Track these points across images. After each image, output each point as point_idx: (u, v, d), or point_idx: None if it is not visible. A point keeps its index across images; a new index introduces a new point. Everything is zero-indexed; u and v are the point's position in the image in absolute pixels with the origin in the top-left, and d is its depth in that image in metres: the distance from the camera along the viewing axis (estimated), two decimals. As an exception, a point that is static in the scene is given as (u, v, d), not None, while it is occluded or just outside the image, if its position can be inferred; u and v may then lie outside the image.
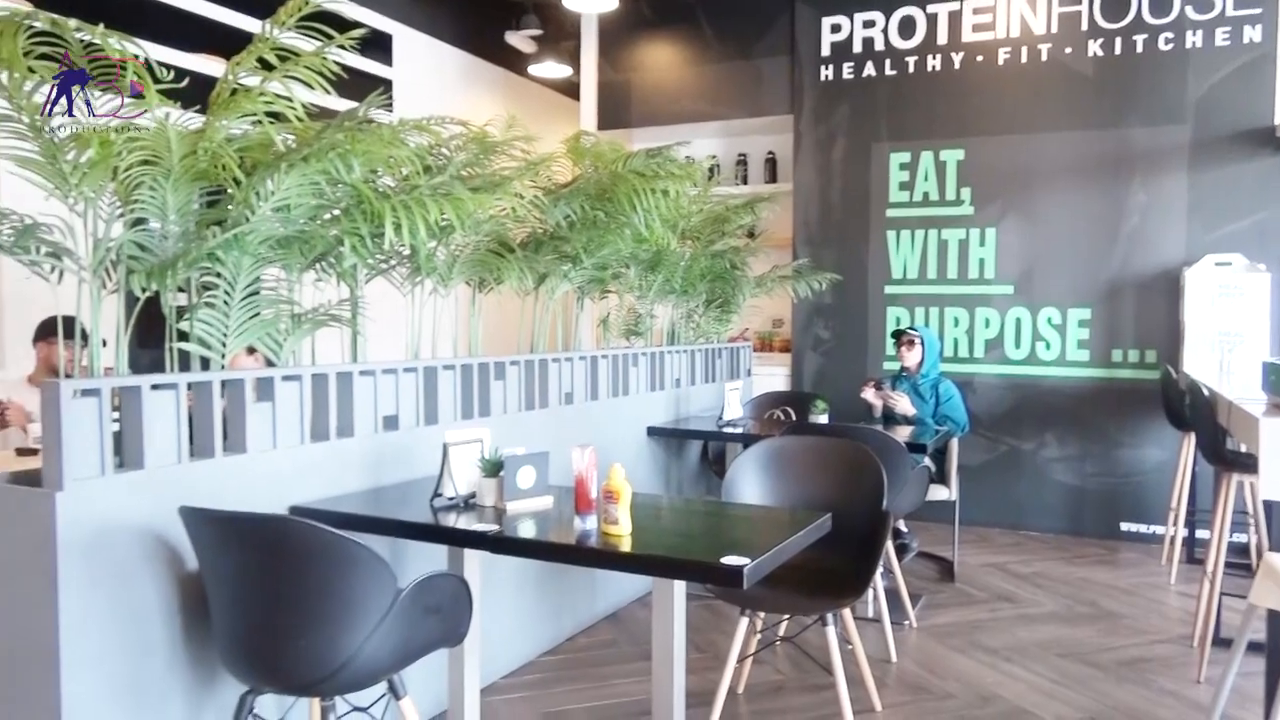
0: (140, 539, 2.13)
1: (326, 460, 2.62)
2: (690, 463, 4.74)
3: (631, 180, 3.53)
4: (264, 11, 5.77)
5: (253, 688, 2.06)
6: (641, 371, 4.28)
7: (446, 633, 2.18)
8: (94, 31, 1.98)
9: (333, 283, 2.83)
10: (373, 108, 2.69)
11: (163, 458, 2.19)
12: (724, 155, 6.89)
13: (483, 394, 3.21)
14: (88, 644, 2.02)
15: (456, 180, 2.90)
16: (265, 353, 2.59)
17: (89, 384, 2.05)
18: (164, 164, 2.21)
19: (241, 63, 2.36)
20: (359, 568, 1.90)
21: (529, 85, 8.26)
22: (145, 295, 2.29)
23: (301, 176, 2.34)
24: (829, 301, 5.99)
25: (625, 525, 2.14)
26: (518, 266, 3.29)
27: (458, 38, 7.66)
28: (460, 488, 2.50)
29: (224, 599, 2.04)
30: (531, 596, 3.42)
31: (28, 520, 1.99)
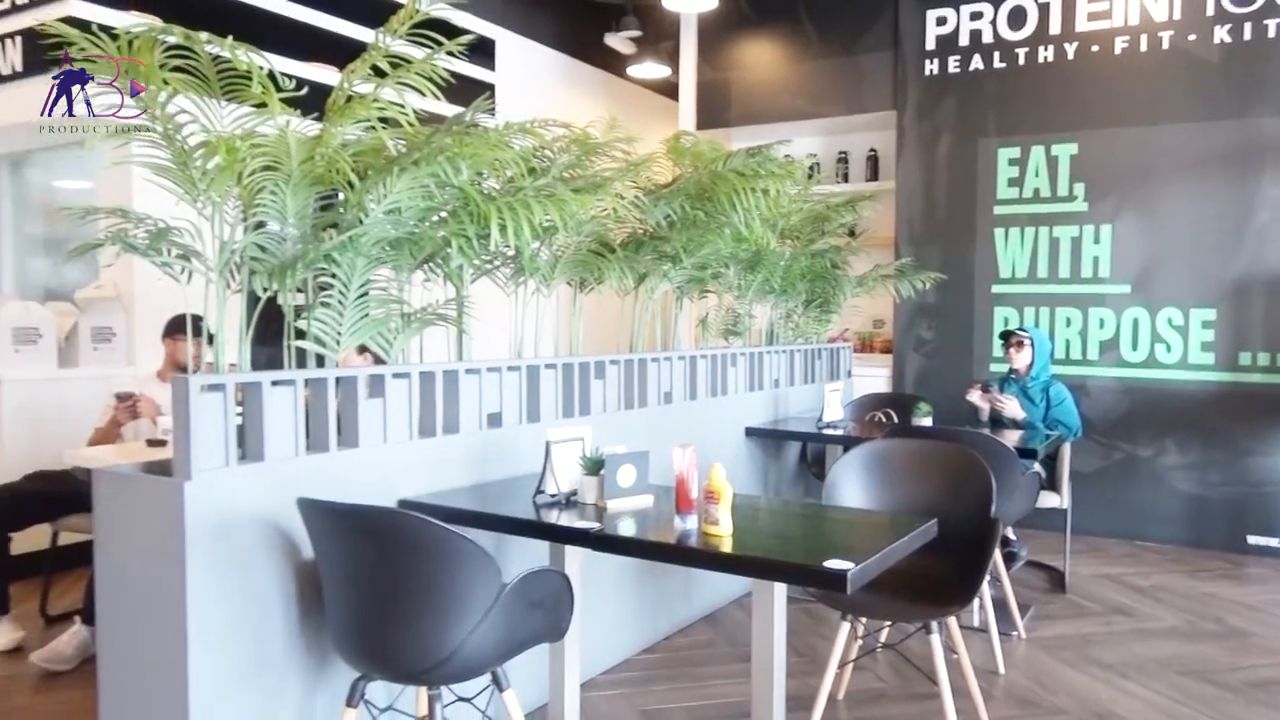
0: (260, 527, 2.23)
1: (433, 456, 2.69)
2: (788, 464, 4.69)
3: (732, 180, 3.51)
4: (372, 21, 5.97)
5: (364, 674, 2.13)
6: (740, 372, 4.26)
7: (549, 628, 2.21)
8: (223, 44, 2.08)
9: (440, 283, 2.91)
10: (479, 112, 2.76)
11: (281, 451, 2.29)
12: (824, 153, 6.80)
13: (583, 393, 3.25)
14: (212, 625, 2.12)
15: (559, 181, 2.94)
16: (376, 351, 2.68)
17: (215, 379, 2.16)
18: (284, 169, 2.31)
19: (356, 70, 2.45)
20: (466, 561, 1.95)
21: (627, 86, 8.31)
22: (267, 294, 2.40)
23: (412, 180, 2.41)
24: (932, 301, 5.84)
25: (726, 526, 2.13)
26: (618, 266, 3.31)
27: (558, 41, 7.77)
28: (562, 485, 2.53)
29: (338, 587, 2.11)
30: (629, 595, 3.44)
31: (160, 508, 2.11)
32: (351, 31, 5.81)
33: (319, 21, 5.68)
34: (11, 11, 4.95)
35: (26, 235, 6.16)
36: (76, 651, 3.32)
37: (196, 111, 2.24)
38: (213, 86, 2.23)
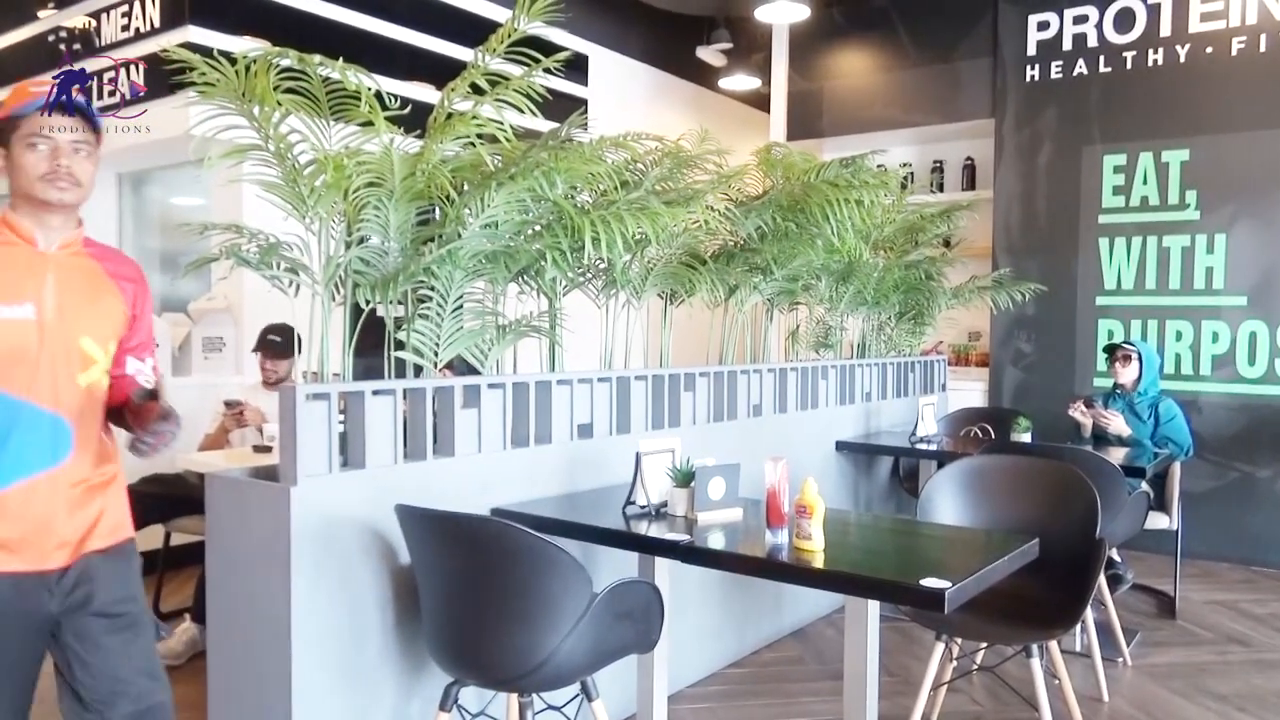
0: (360, 533, 2.30)
1: (525, 465, 2.73)
2: (880, 479, 4.60)
3: (824, 191, 3.47)
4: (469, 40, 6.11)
5: (457, 679, 2.17)
6: (831, 384, 4.21)
7: (638, 638, 2.21)
8: (334, 66, 2.17)
9: (533, 295, 2.96)
10: (573, 128, 2.81)
11: (381, 458, 2.36)
12: (918, 162, 6.67)
13: (672, 404, 3.26)
14: (314, 626, 2.19)
15: (652, 194, 2.96)
16: (472, 362, 2.74)
17: (319, 389, 2.24)
18: (387, 185, 2.39)
19: (456, 89, 2.52)
20: (558, 571, 1.97)
21: (718, 99, 8.31)
22: (369, 306, 2.48)
23: (509, 194, 2.46)
24: (1032, 314, 5.66)
25: (818, 541, 2.10)
26: (709, 278, 3.31)
27: (649, 55, 7.83)
28: (652, 496, 2.54)
29: (433, 593, 2.16)
30: (716, 608, 3.42)
31: (267, 512, 2.19)
32: (449, 50, 5.97)
33: (417, 41, 5.86)
34: (135, 39, 5.25)
35: (145, 249, 6.51)
36: (186, 648, 3.47)
37: (306, 131, 2.33)
38: (322, 107, 2.32)
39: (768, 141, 5.44)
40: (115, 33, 5.37)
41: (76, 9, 5.66)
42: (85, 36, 5.60)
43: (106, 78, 5.47)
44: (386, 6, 5.71)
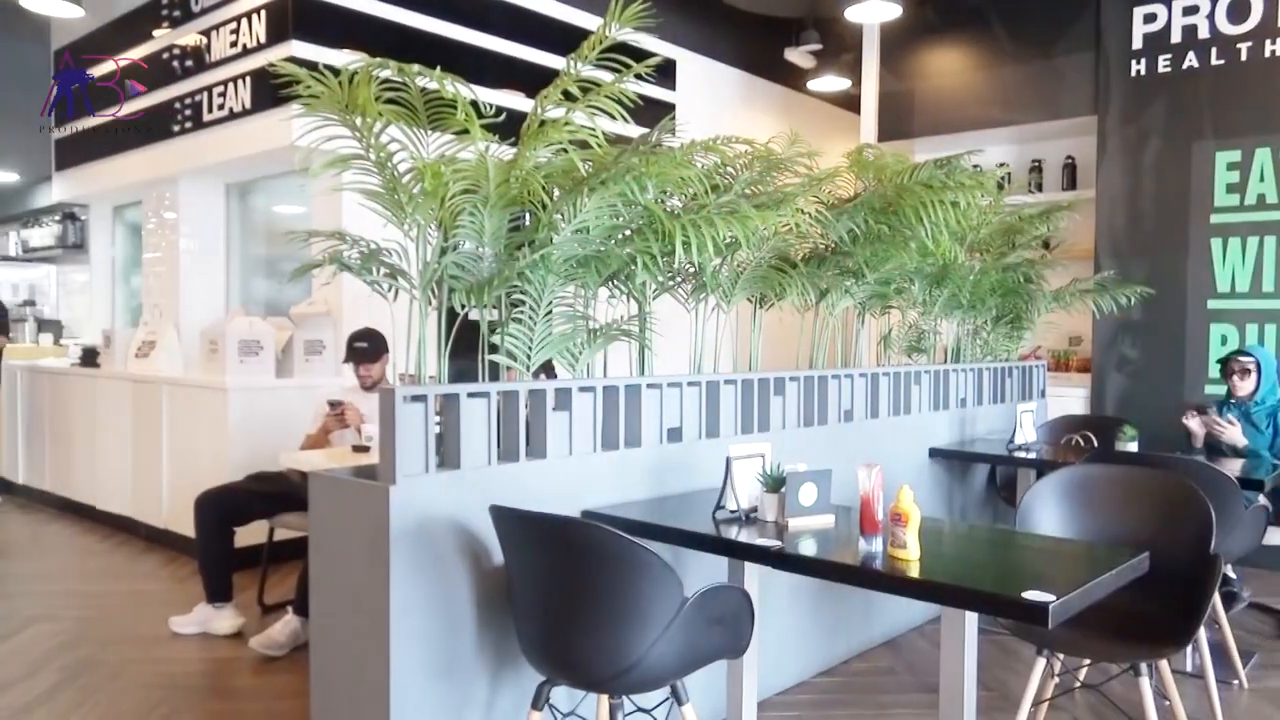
0: (455, 532, 2.34)
1: (615, 468, 2.74)
2: (975, 488, 4.48)
3: (918, 192, 3.40)
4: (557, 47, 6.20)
5: (549, 678, 2.19)
6: (924, 390, 4.11)
7: (728, 644, 2.20)
8: (433, 76, 2.22)
9: (623, 299, 2.97)
10: (664, 132, 2.82)
11: (475, 459, 2.40)
12: (1016, 162, 6.48)
13: (762, 409, 3.23)
14: (411, 621, 2.25)
15: (742, 198, 2.95)
16: (563, 366, 2.77)
17: (417, 390, 2.29)
18: (482, 192, 2.43)
19: (549, 96, 2.55)
20: (649, 574, 1.98)
21: (806, 100, 8.23)
22: (465, 311, 2.53)
23: (601, 199, 2.48)
24: (1137, 318, 5.43)
25: (914, 550, 2.06)
26: (799, 282, 3.28)
27: (737, 58, 7.80)
28: (742, 501, 2.52)
29: (525, 592, 2.19)
30: (806, 615, 3.38)
31: (367, 510, 2.26)
32: (539, 58, 6.07)
33: (508, 50, 5.97)
34: (242, 55, 5.48)
35: (250, 256, 6.79)
36: (288, 639, 3.60)
37: (405, 140, 2.40)
38: (420, 116, 2.38)
39: (858, 143, 5.36)
40: (224, 49, 5.62)
41: (189, 27, 5.94)
42: (197, 53, 5.88)
43: (215, 92, 5.73)
44: (479, 17, 5.84)
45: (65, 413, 6.27)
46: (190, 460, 5.08)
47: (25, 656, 3.59)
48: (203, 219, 6.56)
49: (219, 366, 4.92)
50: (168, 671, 3.45)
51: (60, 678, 3.37)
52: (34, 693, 3.24)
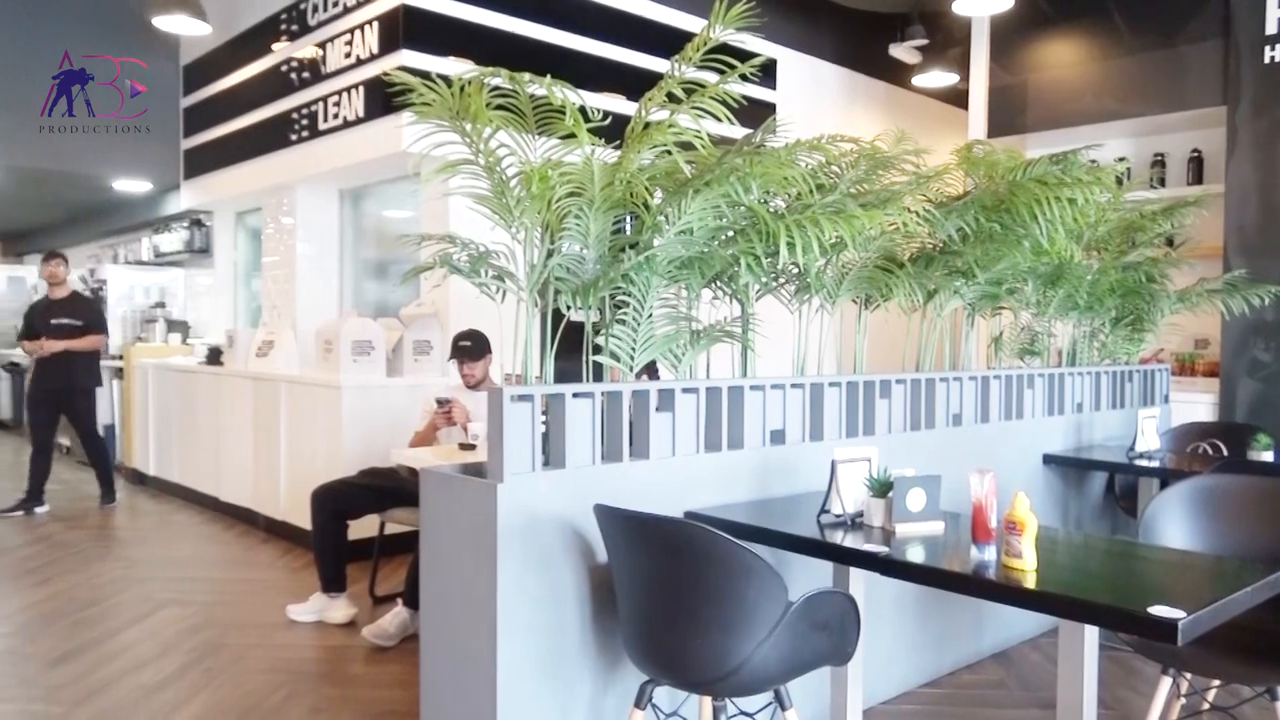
0: (559, 530, 2.38)
1: (718, 470, 2.74)
2: (1092, 496, 4.29)
3: (1032, 189, 3.28)
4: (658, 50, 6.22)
5: (652, 678, 2.20)
6: (1038, 394, 3.97)
7: (833, 650, 2.17)
8: (543, 83, 2.26)
9: (726, 300, 2.96)
10: (767, 133, 2.80)
11: (580, 459, 2.44)
12: (1136, 156, 6.18)
13: (867, 412, 3.17)
14: (517, 617, 2.29)
15: (847, 197, 2.90)
16: (666, 367, 2.77)
17: (524, 390, 2.34)
18: (587, 194, 2.46)
19: (652, 98, 2.56)
20: (754, 577, 1.96)
21: (910, 97, 8.05)
22: (570, 312, 2.56)
23: (705, 201, 2.48)
24: (1272, 319, 5.11)
25: (1029, 560, 1.99)
26: (906, 282, 3.21)
27: (839, 56, 7.69)
28: (848, 506, 2.48)
29: (629, 592, 2.21)
30: (911, 624, 3.30)
31: (476, 507, 2.31)
32: (639, 61, 6.11)
33: (609, 54, 6.02)
34: (356, 65, 5.69)
35: (361, 259, 7.04)
36: (398, 630, 3.71)
37: (513, 145, 2.45)
38: (528, 122, 2.43)
39: (966, 139, 5.20)
40: (339, 60, 5.84)
41: (306, 40, 6.20)
42: (313, 65, 6.13)
43: (330, 101, 5.96)
44: (580, 21, 5.91)
45: (192, 409, 6.61)
46: (306, 455, 5.29)
47: (157, 638, 3.81)
48: (318, 224, 6.84)
49: (333, 365, 5.11)
50: (285, 657, 3.60)
51: (188, 659, 3.56)
52: (165, 672, 3.44)
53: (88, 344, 6.38)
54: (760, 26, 2.56)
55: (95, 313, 6.66)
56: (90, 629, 3.91)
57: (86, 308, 6.61)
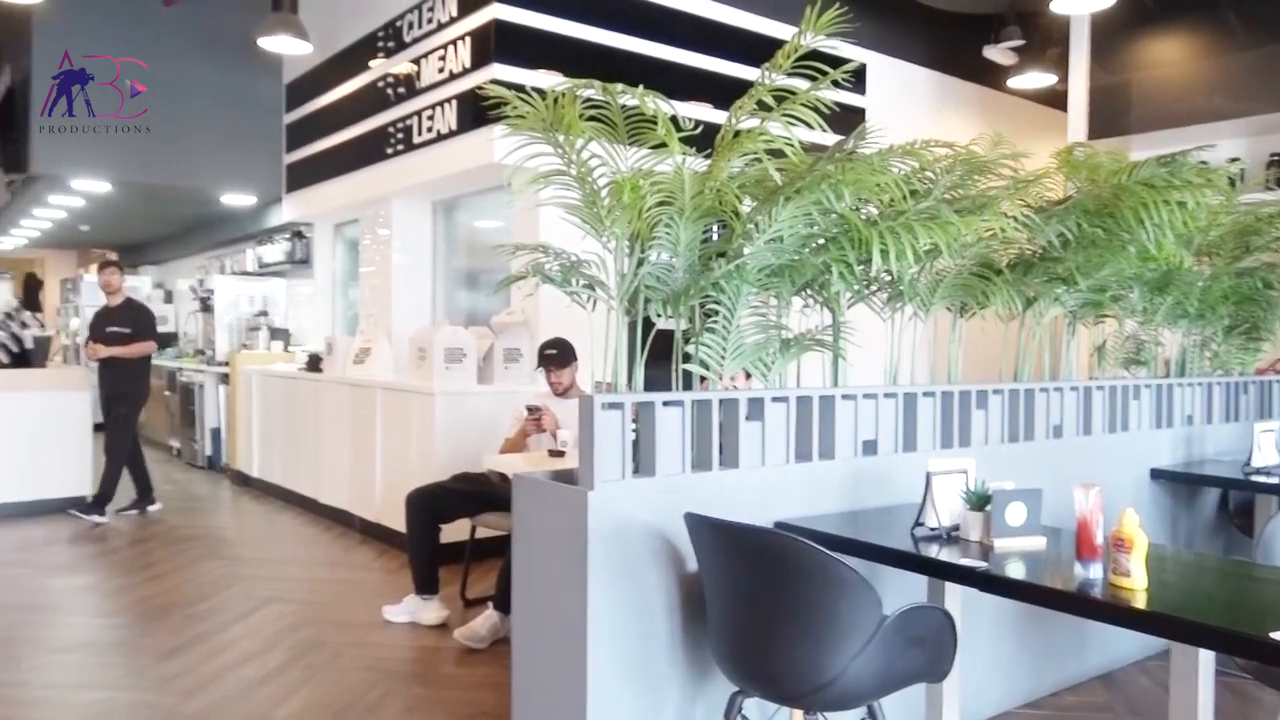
0: (649, 538, 2.38)
1: (808, 480, 2.71)
2: (1204, 514, 4.09)
3: (1138, 192, 3.16)
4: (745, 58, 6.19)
5: (742, 689, 2.19)
6: (1144, 405, 3.81)
7: (929, 666, 2.12)
8: (634, 92, 2.28)
9: (817, 308, 2.93)
10: (859, 139, 2.76)
11: (669, 467, 2.44)
12: (1251, 156, 5.89)
13: (963, 423, 3.09)
14: (607, 623, 2.30)
15: (942, 203, 2.84)
16: (756, 377, 2.76)
17: (614, 398, 2.35)
18: (677, 203, 2.47)
19: (742, 106, 2.56)
20: (847, 590, 1.94)
21: (1005, 99, 7.84)
22: (660, 320, 2.58)
23: (796, 208, 2.46)
24: (1402, 327, 4.79)
25: (1139, 578, 1.91)
26: (1004, 290, 3.12)
27: (930, 59, 7.54)
28: (943, 519, 2.42)
29: (719, 601, 2.20)
30: (1009, 642, 3.20)
31: (566, 513, 2.34)
32: (725, 69, 6.10)
33: (695, 62, 6.03)
34: (449, 80, 5.83)
35: (453, 269, 7.21)
36: (489, 633, 3.78)
37: (605, 155, 2.47)
38: (620, 132, 2.45)
39: (1065, 142, 5.04)
40: (433, 75, 5.99)
41: (401, 56, 6.38)
42: (408, 80, 6.31)
43: (425, 115, 6.12)
44: (667, 31, 5.94)
45: (292, 414, 6.86)
46: (400, 459, 5.43)
47: (261, 634, 3.96)
48: (412, 235, 7.03)
49: (427, 372, 5.24)
50: (380, 656, 3.70)
51: (289, 656, 3.69)
52: (268, 667, 3.57)
53: (134, 350, 6.39)
54: (851, 31, 2.53)
55: (145, 320, 6.58)
56: (199, 624, 4.08)
57: (136, 315, 6.54)
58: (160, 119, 7.74)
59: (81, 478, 6.59)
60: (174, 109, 7.79)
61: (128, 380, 6.43)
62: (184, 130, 7.89)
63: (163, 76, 7.69)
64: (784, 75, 2.52)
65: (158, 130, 7.75)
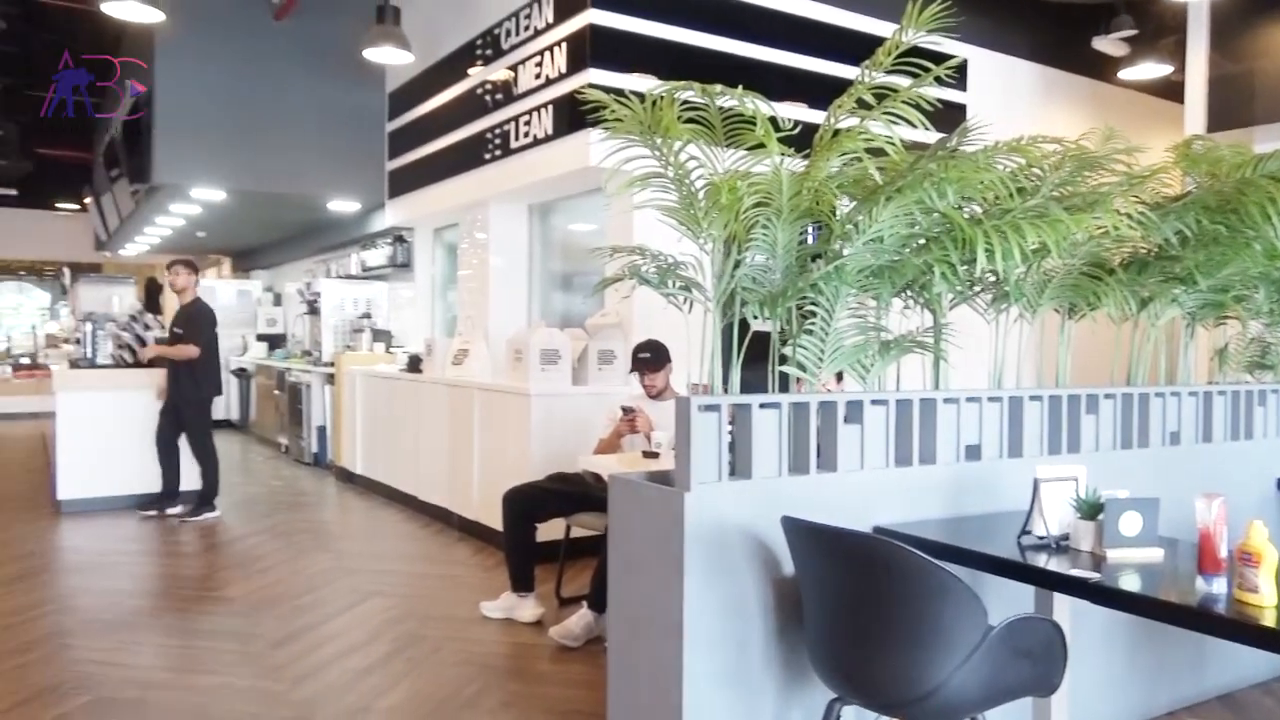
0: (745, 540, 2.37)
1: (908, 485, 2.65)
2: (1336, 527, 3.84)
3: (1265, 187, 2.99)
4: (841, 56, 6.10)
5: (840, 696, 2.16)
6: (1271, 412, 3.60)
7: (1037, 680, 2.06)
8: (734, 93, 2.28)
9: (917, 310, 2.87)
10: (963, 136, 2.69)
11: (766, 469, 2.42)
12: (1389, 146, 5.51)
13: (1071, 428, 2.98)
14: (703, 625, 2.30)
15: (1051, 201, 2.75)
16: (854, 379, 2.72)
17: (710, 400, 2.35)
18: (775, 204, 2.45)
19: (841, 105, 2.53)
20: (951, 598, 1.89)
21: (1116, 92, 7.54)
22: (756, 322, 2.56)
23: (897, 208, 2.42)
24: None
25: (1269, 595, 1.80)
26: (1117, 290, 3.00)
27: (1035, 52, 7.31)
28: (1052, 527, 2.34)
29: (817, 606, 2.17)
30: (1121, 657, 3.07)
31: (663, 514, 2.34)
32: (819, 67, 6.02)
33: (788, 61, 5.98)
34: (545, 85, 5.92)
35: (548, 271, 7.31)
36: (584, 632, 3.81)
37: (702, 156, 2.47)
38: (717, 134, 2.45)
39: (1181, 135, 4.81)
40: (530, 81, 6.10)
41: (499, 64, 6.51)
42: (506, 87, 6.43)
43: (521, 121, 6.23)
44: (760, 31, 5.90)
45: (394, 413, 7.07)
46: (497, 459, 5.54)
47: (365, 626, 4.09)
48: (509, 238, 7.16)
49: (523, 374, 5.33)
50: (477, 651, 3.78)
51: (391, 648, 3.80)
52: (371, 658, 3.68)
53: (175, 352, 6.34)
54: (954, 27, 2.47)
55: (194, 323, 6.38)
56: (306, 614, 4.24)
57: (189, 317, 6.41)
58: (271, 129, 8.10)
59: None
60: (284, 120, 8.14)
61: (186, 385, 6.35)
62: (293, 140, 8.23)
63: (274, 89, 8.05)
64: (883, 73, 2.48)
65: (269, 140, 8.12)
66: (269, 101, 8.05)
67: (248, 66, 7.97)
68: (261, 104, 8.04)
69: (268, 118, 8.08)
